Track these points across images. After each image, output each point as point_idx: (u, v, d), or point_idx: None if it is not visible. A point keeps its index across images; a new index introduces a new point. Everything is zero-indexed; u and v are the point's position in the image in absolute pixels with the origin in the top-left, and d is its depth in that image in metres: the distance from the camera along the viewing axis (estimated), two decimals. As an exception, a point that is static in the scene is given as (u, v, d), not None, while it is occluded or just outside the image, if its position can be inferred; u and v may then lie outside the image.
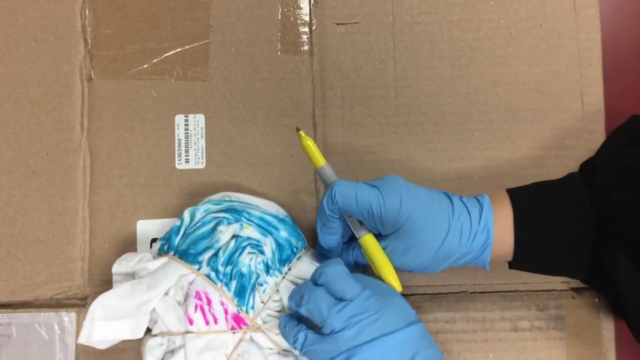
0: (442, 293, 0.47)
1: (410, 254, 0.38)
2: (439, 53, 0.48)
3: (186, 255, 0.41)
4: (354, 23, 0.49)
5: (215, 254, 0.40)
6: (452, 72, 0.48)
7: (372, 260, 0.40)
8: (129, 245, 0.46)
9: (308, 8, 0.49)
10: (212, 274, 0.40)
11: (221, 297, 0.40)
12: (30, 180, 0.46)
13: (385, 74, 0.48)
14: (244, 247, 0.41)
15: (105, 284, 0.45)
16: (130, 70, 0.47)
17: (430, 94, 0.48)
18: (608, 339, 0.46)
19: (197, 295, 0.39)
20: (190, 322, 0.39)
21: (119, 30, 0.48)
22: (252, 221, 0.42)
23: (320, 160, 0.40)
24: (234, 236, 0.41)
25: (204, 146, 0.47)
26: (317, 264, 0.43)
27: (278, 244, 0.42)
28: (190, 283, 0.40)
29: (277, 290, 0.41)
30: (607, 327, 0.47)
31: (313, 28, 0.49)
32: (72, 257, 0.45)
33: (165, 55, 0.47)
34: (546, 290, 0.47)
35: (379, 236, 0.40)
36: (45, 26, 0.47)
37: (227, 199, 0.44)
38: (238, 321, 0.40)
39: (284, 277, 0.41)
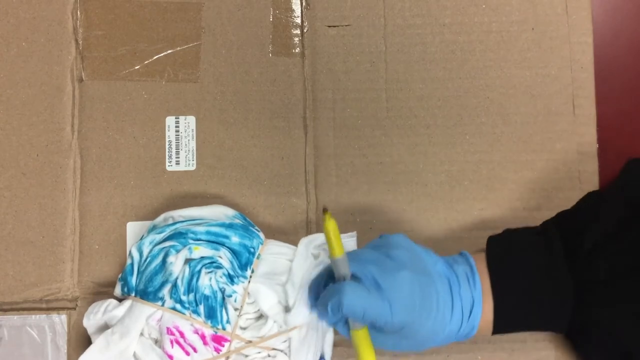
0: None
1: (397, 347, 0.38)
2: (431, 56, 0.48)
3: (146, 294, 0.40)
4: (346, 25, 0.49)
5: (174, 286, 0.40)
6: (444, 75, 0.48)
7: (359, 352, 0.37)
8: (118, 247, 0.46)
9: (299, 10, 0.48)
10: (178, 306, 0.40)
11: (193, 325, 0.40)
12: (20, 181, 0.46)
13: (376, 76, 0.48)
14: (199, 270, 0.40)
15: (95, 286, 0.45)
16: (121, 72, 0.47)
17: (422, 97, 0.48)
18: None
19: (169, 331, 0.39)
20: (171, 358, 0.39)
21: (110, 31, 0.47)
22: (200, 239, 0.41)
23: (339, 249, 0.36)
24: (187, 260, 0.41)
25: (195, 148, 0.47)
26: (280, 254, 0.42)
27: (233, 252, 0.41)
28: (159, 320, 0.40)
29: (248, 293, 0.41)
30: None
31: (304, 30, 0.48)
32: (62, 259, 0.45)
33: (157, 56, 0.47)
34: (536, 293, 0.47)
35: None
36: (37, 27, 0.47)
37: (171, 220, 0.43)
38: (218, 340, 0.40)
39: (249, 281, 0.41)
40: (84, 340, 0.44)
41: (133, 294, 0.41)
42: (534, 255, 0.39)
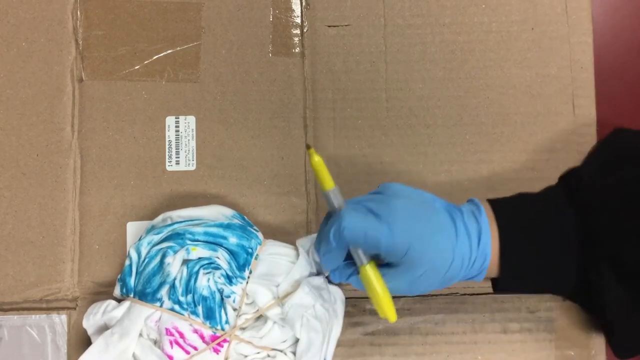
0: (432, 295, 0.47)
1: (412, 285, 0.37)
2: (431, 56, 0.48)
3: (144, 295, 0.40)
4: (346, 25, 0.49)
5: (172, 287, 0.40)
6: (444, 75, 0.48)
7: (371, 289, 0.38)
8: (118, 246, 0.46)
9: (299, 10, 0.49)
10: (176, 307, 0.40)
11: (192, 326, 0.40)
12: (20, 181, 0.46)
13: (376, 76, 0.48)
14: (197, 271, 0.40)
15: (95, 286, 0.45)
16: (121, 72, 0.47)
17: (422, 97, 0.48)
18: (597, 341, 0.47)
19: (168, 332, 0.40)
20: (171, 358, 0.39)
21: (110, 31, 0.47)
22: (197, 240, 0.41)
23: (329, 182, 0.37)
24: (185, 261, 0.41)
25: (195, 148, 0.47)
26: (278, 254, 0.42)
27: (231, 253, 0.41)
28: (157, 321, 0.40)
29: (247, 294, 0.41)
30: (597, 330, 0.47)
31: (304, 30, 0.48)
32: (62, 259, 0.45)
33: (156, 56, 0.47)
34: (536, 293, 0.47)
35: (379, 264, 0.39)
36: (37, 27, 0.47)
37: (169, 220, 0.43)
38: (216, 340, 0.40)
39: (247, 282, 0.41)
40: (84, 340, 0.44)
41: (132, 295, 0.41)
42: (536, 199, 0.40)
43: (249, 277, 0.41)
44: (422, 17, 0.49)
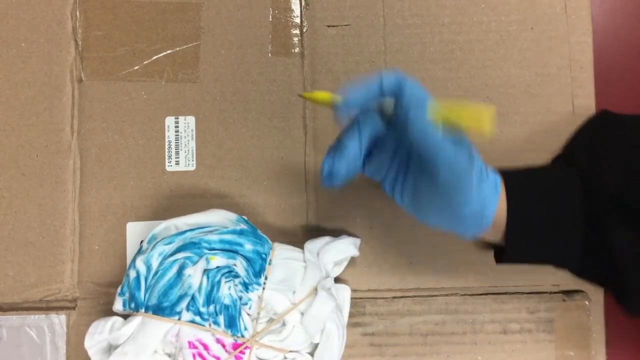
0: (432, 295, 0.47)
1: (437, 206, 0.36)
2: (430, 55, 0.48)
3: (161, 310, 0.38)
4: (345, 25, 0.49)
5: (192, 298, 0.39)
6: (443, 75, 0.48)
7: (457, 108, 0.34)
8: (118, 247, 0.46)
9: (299, 10, 0.48)
10: (197, 318, 0.38)
11: (214, 335, 0.39)
12: (20, 181, 0.46)
13: (376, 76, 0.48)
14: (219, 280, 0.39)
15: (95, 286, 0.45)
16: (121, 72, 0.47)
17: (421, 97, 0.48)
18: (598, 341, 0.47)
19: (191, 345, 0.38)
20: None
21: (109, 32, 0.47)
22: (214, 248, 0.40)
23: (334, 97, 0.35)
24: (205, 271, 0.39)
25: (194, 148, 0.47)
26: (291, 259, 0.42)
27: (248, 260, 0.41)
28: (176, 335, 0.39)
29: (262, 300, 0.40)
30: (597, 330, 0.47)
31: (304, 30, 0.48)
32: (62, 259, 0.45)
33: (156, 57, 0.47)
34: (537, 293, 0.47)
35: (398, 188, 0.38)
36: (36, 28, 0.47)
37: (174, 229, 0.42)
38: (238, 348, 0.39)
39: (263, 288, 0.41)
40: (82, 341, 0.44)
41: (143, 310, 0.39)
42: (540, 167, 0.41)
43: (265, 283, 0.40)
44: (421, 16, 0.49)
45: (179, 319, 0.38)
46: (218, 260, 0.40)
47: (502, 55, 0.49)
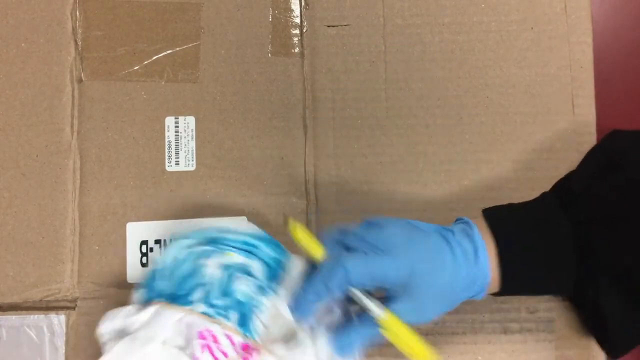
0: (432, 295, 0.47)
1: (420, 312, 0.37)
2: (430, 55, 0.48)
3: (175, 298, 0.38)
4: (345, 25, 0.49)
5: (207, 289, 0.38)
6: (443, 75, 0.48)
7: (401, 338, 0.36)
8: (118, 247, 0.46)
9: (299, 10, 0.49)
10: (210, 310, 0.38)
11: (224, 330, 0.38)
12: (20, 182, 0.46)
13: (376, 76, 0.48)
14: (234, 276, 0.39)
15: (95, 286, 0.45)
16: (121, 72, 0.47)
17: (421, 97, 0.48)
18: (598, 341, 0.47)
19: (201, 335, 0.37)
20: None
21: (109, 32, 0.47)
22: (234, 247, 0.40)
23: (319, 250, 0.37)
24: (220, 265, 0.39)
25: (194, 148, 0.47)
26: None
27: (266, 264, 0.40)
28: (189, 325, 0.38)
29: (275, 308, 0.39)
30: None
31: (304, 30, 0.49)
32: (62, 259, 0.45)
33: (156, 57, 0.47)
34: (536, 293, 0.47)
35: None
36: (36, 28, 0.47)
37: (198, 229, 0.42)
38: (247, 349, 0.38)
39: (278, 295, 0.40)
40: (82, 341, 0.44)
41: (160, 299, 0.39)
42: (531, 209, 0.40)
43: (279, 292, 0.40)
44: (421, 16, 0.49)
45: (193, 310, 0.38)
46: (236, 258, 0.39)
47: (502, 55, 0.49)
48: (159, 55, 0.47)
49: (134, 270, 0.46)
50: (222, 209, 0.46)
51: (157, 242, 0.46)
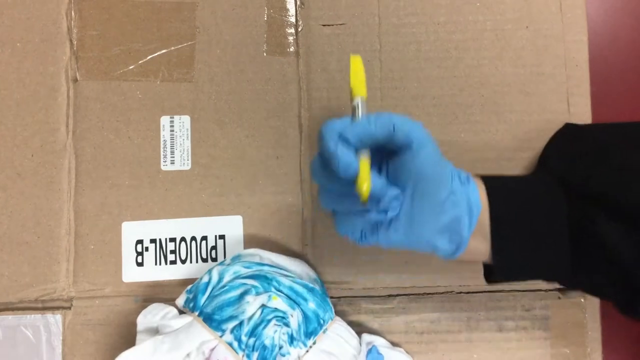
0: (428, 294, 0.47)
1: (413, 205, 0.36)
2: (425, 54, 0.48)
3: (210, 320, 0.39)
4: (340, 24, 0.49)
5: (240, 323, 0.39)
6: (438, 74, 0.48)
7: (360, 176, 0.34)
8: (114, 247, 0.46)
9: (294, 9, 0.48)
10: (235, 343, 0.39)
11: None
12: (15, 181, 0.46)
13: (371, 75, 0.48)
14: (270, 320, 0.39)
15: (90, 286, 0.45)
16: (116, 72, 0.47)
17: (416, 96, 0.48)
18: (593, 339, 0.47)
19: None
20: None
21: (104, 31, 0.47)
22: (281, 291, 0.41)
23: (363, 88, 0.36)
24: (261, 306, 0.40)
25: (190, 147, 0.47)
26: (344, 340, 0.42)
27: (305, 316, 0.41)
28: (212, 350, 0.39)
29: None
30: (593, 328, 0.47)
31: (299, 29, 0.48)
32: (57, 259, 0.45)
33: (151, 56, 0.47)
34: (532, 291, 0.47)
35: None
36: (31, 27, 0.47)
37: (258, 259, 0.43)
38: None
39: (307, 351, 0.40)
40: (78, 340, 0.44)
41: (197, 313, 0.40)
42: (528, 180, 0.41)
43: (310, 347, 0.40)
44: (416, 15, 0.49)
45: (221, 337, 0.39)
46: (278, 302, 0.40)
47: (498, 54, 0.49)
48: (154, 55, 0.47)
49: (129, 269, 0.46)
50: (217, 208, 0.47)
51: (153, 241, 0.46)
